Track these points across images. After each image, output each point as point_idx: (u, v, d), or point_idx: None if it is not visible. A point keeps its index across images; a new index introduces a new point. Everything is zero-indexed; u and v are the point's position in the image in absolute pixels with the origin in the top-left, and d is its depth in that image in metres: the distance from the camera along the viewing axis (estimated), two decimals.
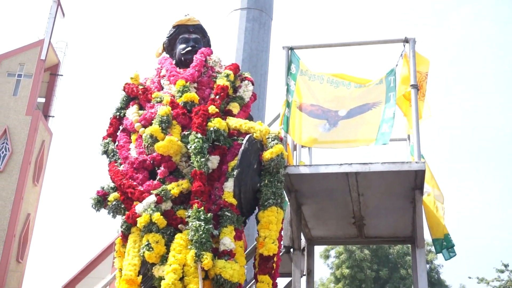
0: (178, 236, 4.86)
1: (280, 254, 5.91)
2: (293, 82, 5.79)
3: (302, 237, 6.76)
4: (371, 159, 5.35)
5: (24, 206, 34.49)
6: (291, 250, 6.03)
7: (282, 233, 5.33)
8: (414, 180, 5.36)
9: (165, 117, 5.30)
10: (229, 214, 4.99)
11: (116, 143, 5.68)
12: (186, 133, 5.31)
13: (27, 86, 34.62)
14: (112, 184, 5.39)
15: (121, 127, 5.82)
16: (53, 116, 37.29)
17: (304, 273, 6.74)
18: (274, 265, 5.10)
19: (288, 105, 5.68)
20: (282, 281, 6.59)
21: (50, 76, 37.45)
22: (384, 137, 5.38)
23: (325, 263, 40.75)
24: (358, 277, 38.06)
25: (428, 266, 38.98)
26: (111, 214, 5.29)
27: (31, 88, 34.52)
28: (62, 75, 37.83)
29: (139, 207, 4.99)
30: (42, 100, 37.40)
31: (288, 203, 5.94)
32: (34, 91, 34.60)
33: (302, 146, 6.56)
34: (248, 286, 5.89)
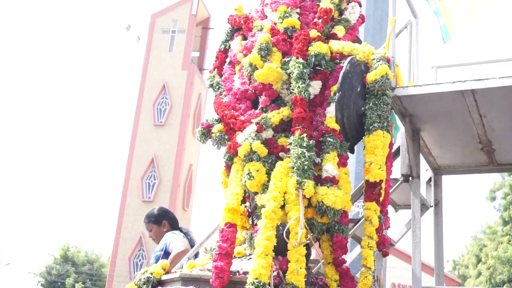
0: (279, 163, 4.74)
1: (398, 183, 5.66)
2: None
3: (428, 166, 6.40)
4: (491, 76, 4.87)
5: (186, 157, 36.18)
6: (410, 178, 5.71)
7: (392, 159, 5.05)
8: None
9: (264, 45, 5.13)
10: (331, 140, 4.77)
11: (222, 76, 5.65)
12: (286, 59, 5.13)
13: (181, 42, 35.95)
14: (216, 116, 5.37)
15: (227, 60, 5.76)
16: (207, 69, 38.43)
17: (431, 204, 6.40)
18: (383, 192, 4.84)
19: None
20: (407, 213, 6.30)
21: (202, 30, 38.56)
22: None
23: (491, 205, 39.17)
24: None
25: None
26: (216, 145, 5.29)
27: (185, 43, 35.81)
28: (213, 29, 38.86)
29: (240, 137, 4.92)
30: (196, 54, 38.66)
31: (401, 129, 5.62)
32: (188, 46, 35.88)
33: None
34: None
